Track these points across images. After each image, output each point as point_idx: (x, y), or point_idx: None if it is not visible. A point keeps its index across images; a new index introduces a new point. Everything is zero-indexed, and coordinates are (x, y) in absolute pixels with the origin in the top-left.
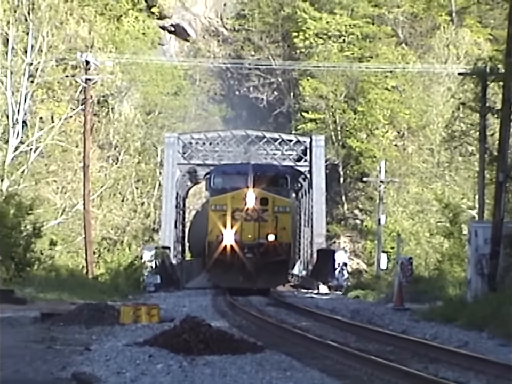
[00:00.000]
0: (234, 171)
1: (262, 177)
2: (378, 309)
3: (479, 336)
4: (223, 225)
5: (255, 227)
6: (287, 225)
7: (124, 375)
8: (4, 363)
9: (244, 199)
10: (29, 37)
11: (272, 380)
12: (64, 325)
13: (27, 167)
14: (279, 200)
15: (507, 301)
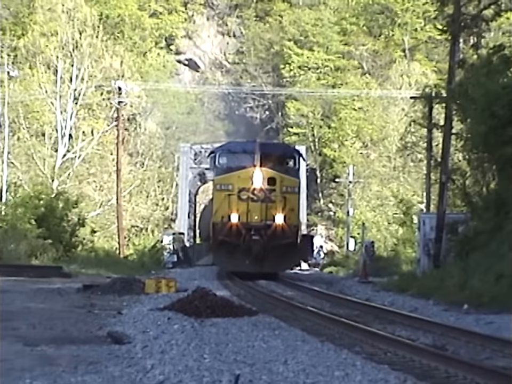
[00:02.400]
0: (241, 149)
1: (270, 156)
2: (347, 282)
3: (426, 303)
4: (229, 206)
5: (262, 208)
6: (295, 207)
7: (148, 333)
8: (55, 324)
9: (251, 178)
10: (74, 68)
11: (264, 337)
12: (101, 294)
13: (72, 170)
14: (287, 179)
15: (448, 275)
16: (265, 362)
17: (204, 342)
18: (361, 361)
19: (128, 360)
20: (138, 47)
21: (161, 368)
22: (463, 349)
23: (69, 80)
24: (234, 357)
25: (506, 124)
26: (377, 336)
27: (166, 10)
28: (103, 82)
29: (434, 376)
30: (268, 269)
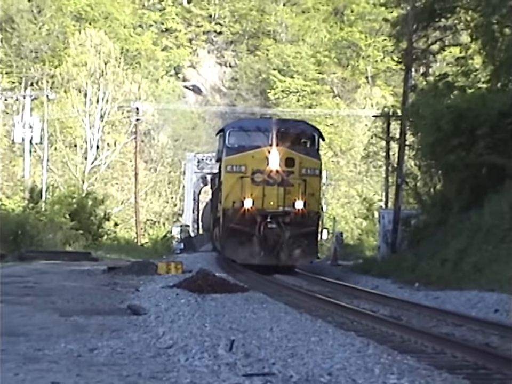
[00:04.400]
0: (254, 127)
1: (287, 134)
2: (321, 265)
3: (385, 282)
4: (241, 190)
5: (280, 192)
6: (316, 191)
7: (160, 306)
8: (84, 298)
9: (266, 158)
10: (100, 92)
11: (254, 309)
12: (122, 274)
13: (99, 174)
14: (307, 160)
15: (402, 259)
16: (254, 329)
17: (205, 313)
18: (333, 329)
19: (144, 328)
20: (152, 75)
21: (170, 335)
22: (414, 319)
23: (96, 102)
24: (230, 325)
25: (449, 136)
26: (345, 308)
27: (174, 45)
28: (123, 103)
29: (392, 341)
30: (285, 262)
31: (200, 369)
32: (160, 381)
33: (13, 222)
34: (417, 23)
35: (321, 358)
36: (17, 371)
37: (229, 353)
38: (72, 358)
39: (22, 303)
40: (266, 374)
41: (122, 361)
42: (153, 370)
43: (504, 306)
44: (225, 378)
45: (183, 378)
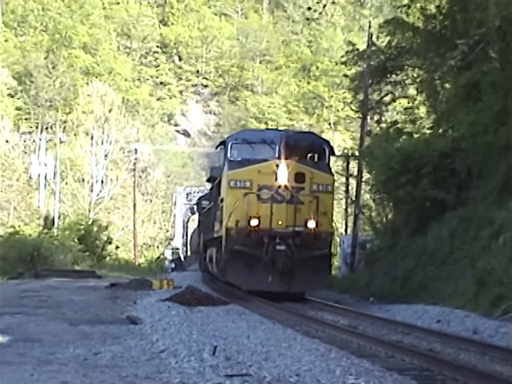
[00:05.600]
0: (259, 138)
1: (295, 147)
2: None
3: (345, 297)
4: (246, 207)
5: (289, 210)
6: (328, 210)
7: (154, 317)
8: (90, 310)
9: (274, 173)
10: (104, 135)
11: (234, 320)
12: (122, 289)
13: (103, 205)
14: (319, 176)
15: (359, 278)
16: (234, 337)
17: (193, 323)
18: (300, 337)
19: (140, 336)
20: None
21: (163, 341)
22: (369, 328)
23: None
24: (213, 333)
25: (399, 174)
26: (311, 319)
27: (167, 96)
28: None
29: (350, 347)
30: (296, 288)
31: (188, 371)
32: (154, 381)
33: (30, 245)
34: (372, 78)
35: (290, 361)
36: (33, 372)
37: (212, 357)
38: (79, 361)
39: (37, 314)
40: (244, 374)
41: (121, 363)
42: (148, 371)
43: (445, 317)
44: (209, 378)
45: (174, 378)
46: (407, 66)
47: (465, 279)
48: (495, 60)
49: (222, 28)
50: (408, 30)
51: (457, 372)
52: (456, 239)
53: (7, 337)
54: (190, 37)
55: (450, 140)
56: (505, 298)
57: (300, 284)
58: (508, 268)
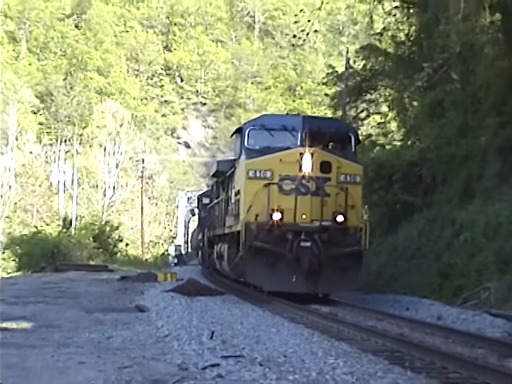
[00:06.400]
0: (279, 124)
1: (319, 134)
2: None
3: None
4: (268, 200)
5: (315, 203)
6: (357, 203)
7: (159, 305)
8: (103, 300)
9: (298, 162)
10: (116, 147)
11: (229, 308)
12: (131, 282)
13: (114, 207)
14: (346, 165)
15: None
16: (229, 322)
17: (193, 311)
18: (287, 322)
19: (147, 322)
20: (154, 134)
21: (167, 327)
22: (348, 315)
23: (112, 154)
24: (211, 320)
25: (373, 181)
26: (297, 307)
27: (171, 112)
28: (133, 155)
29: (331, 331)
30: (323, 289)
31: (189, 353)
32: (159, 361)
33: (51, 243)
34: (349, 97)
35: (278, 344)
36: (53, 354)
37: (210, 341)
38: (94, 344)
39: (57, 303)
40: (238, 356)
41: (131, 346)
42: (154, 353)
43: (414, 305)
44: (208, 359)
45: (176, 359)
46: (380, 86)
47: (430, 272)
48: (456, 81)
49: (218, 53)
50: (381, 55)
51: (424, 353)
52: (423, 237)
53: (31, 323)
54: (191, 60)
55: (417, 151)
56: (465, 289)
57: (328, 285)
58: (468, 263)
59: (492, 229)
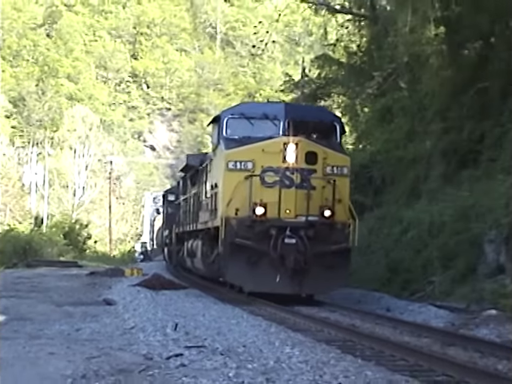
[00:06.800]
0: (260, 113)
1: (302, 123)
2: None
3: None
4: (249, 193)
5: (299, 197)
6: (344, 197)
7: (126, 299)
8: (73, 294)
9: (281, 152)
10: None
11: (192, 301)
12: (100, 276)
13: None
14: (333, 156)
15: None
16: (192, 315)
17: (158, 304)
18: (247, 315)
19: (114, 314)
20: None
21: (133, 319)
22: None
23: (82, 156)
24: (175, 312)
25: None
26: (256, 301)
27: (137, 117)
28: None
29: (287, 323)
30: (309, 289)
31: (154, 343)
32: (126, 352)
33: (23, 240)
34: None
35: (238, 335)
36: (25, 345)
37: (174, 332)
38: (63, 336)
39: (28, 297)
40: (200, 346)
41: (99, 337)
42: (121, 344)
43: (364, 298)
44: (172, 349)
45: (142, 350)
46: (334, 93)
47: (380, 267)
48: (404, 89)
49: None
50: (334, 64)
51: (374, 342)
52: (373, 235)
53: (3, 317)
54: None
55: (368, 154)
56: (412, 282)
57: (314, 284)
58: (414, 258)
59: (436, 227)
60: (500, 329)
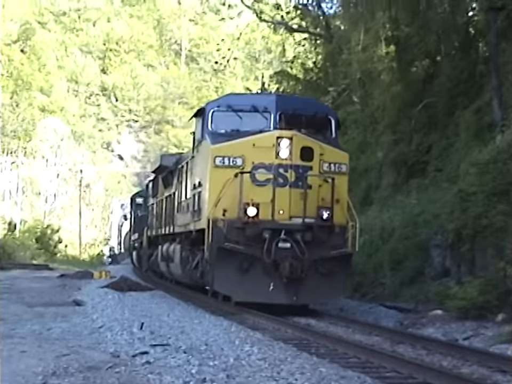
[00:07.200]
0: (249, 105)
1: (295, 116)
2: None
3: None
4: (239, 192)
5: (295, 197)
6: (343, 197)
7: (94, 300)
8: (44, 295)
9: (274, 148)
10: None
11: (157, 302)
12: (70, 279)
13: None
14: (331, 152)
15: None
16: (157, 315)
17: (125, 305)
18: (208, 315)
19: (83, 315)
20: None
21: (101, 319)
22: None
23: (54, 165)
24: (141, 313)
25: None
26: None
27: (107, 128)
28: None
29: (247, 322)
30: (306, 299)
31: (120, 342)
32: (94, 350)
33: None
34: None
35: (200, 334)
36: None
37: (140, 331)
38: (35, 335)
39: (1, 298)
40: (165, 344)
41: (69, 336)
42: (90, 342)
43: None
44: (138, 347)
45: (109, 348)
46: None
47: None
48: (357, 103)
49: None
50: (292, 80)
51: (328, 341)
52: None
53: None
54: (124, 83)
55: None
56: (364, 285)
57: (311, 294)
58: (366, 262)
59: (387, 232)
60: (445, 328)
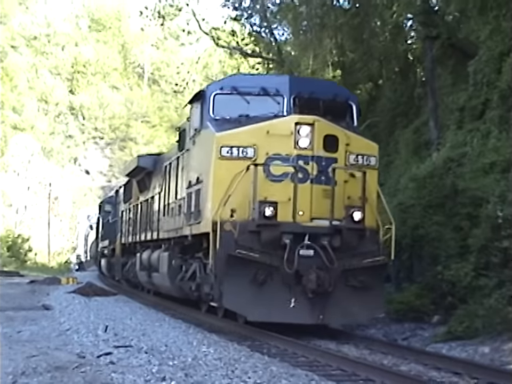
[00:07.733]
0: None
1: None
2: None
3: None
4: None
5: (317, 194)
6: (373, 195)
7: (62, 304)
8: (15, 300)
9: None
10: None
11: (120, 306)
12: (39, 285)
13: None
14: (358, 142)
15: None
16: (120, 318)
17: (90, 309)
18: (168, 318)
19: (52, 318)
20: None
21: (68, 322)
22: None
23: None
24: (106, 316)
25: None
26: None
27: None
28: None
29: (204, 325)
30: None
31: (86, 343)
32: (61, 351)
33: None
34: None
35: (161, 336)
36: None
37: (104, 333)
38: (6, 337)
39: None
40: (127, 346)
41: (38, 339)
42: (57, 344)
43: None
44: (102, 348)
45: (76, 349)
46: None
47: None
48: None
49: (113, 97)
50: None
51: (278, 342)
52: None
53: None
54: (91, 103)
55: None
56: None
57: (342, 312)
58: None
59: None
60: (386, 329)
